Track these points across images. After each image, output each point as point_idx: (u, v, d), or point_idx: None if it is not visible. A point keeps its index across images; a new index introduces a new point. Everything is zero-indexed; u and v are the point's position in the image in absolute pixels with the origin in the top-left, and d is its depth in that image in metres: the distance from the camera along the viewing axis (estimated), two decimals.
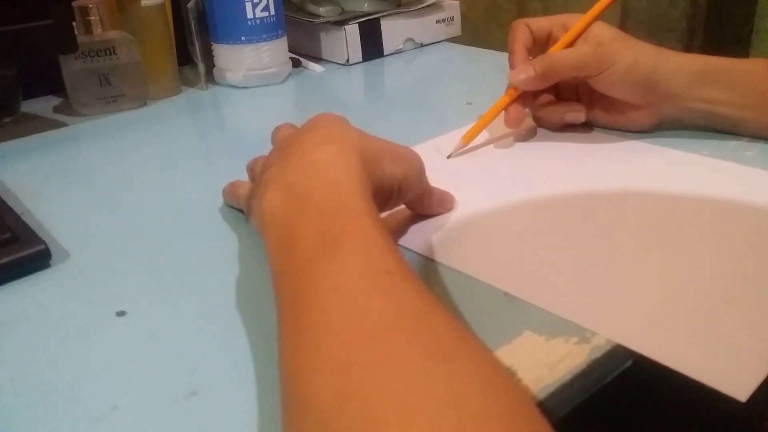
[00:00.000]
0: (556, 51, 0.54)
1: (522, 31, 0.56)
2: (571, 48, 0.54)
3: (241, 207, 0.45)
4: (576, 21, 0.55)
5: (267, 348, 0.33)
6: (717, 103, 0.51)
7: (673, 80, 0.51)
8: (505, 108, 0.55)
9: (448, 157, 0.54)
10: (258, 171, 0.41)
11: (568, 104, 0.56)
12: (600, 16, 0.55)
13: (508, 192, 0.47)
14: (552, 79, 0.54)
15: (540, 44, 0.57)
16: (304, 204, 0.32)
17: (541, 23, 0.56)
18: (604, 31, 0.53)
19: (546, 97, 0.57)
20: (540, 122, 0.58)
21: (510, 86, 0.55)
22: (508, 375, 0.24)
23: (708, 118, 0.53)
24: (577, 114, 0.55)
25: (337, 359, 0.24)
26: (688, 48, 1.35)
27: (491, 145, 0.56)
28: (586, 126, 0.57)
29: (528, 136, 0.57)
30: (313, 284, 0.28)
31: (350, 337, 0.25)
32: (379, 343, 0.24)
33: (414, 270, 0.31)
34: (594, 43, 0.53)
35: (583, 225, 0.43)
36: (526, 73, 0.53)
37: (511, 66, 0.55)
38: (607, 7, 0.55)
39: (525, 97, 0.56)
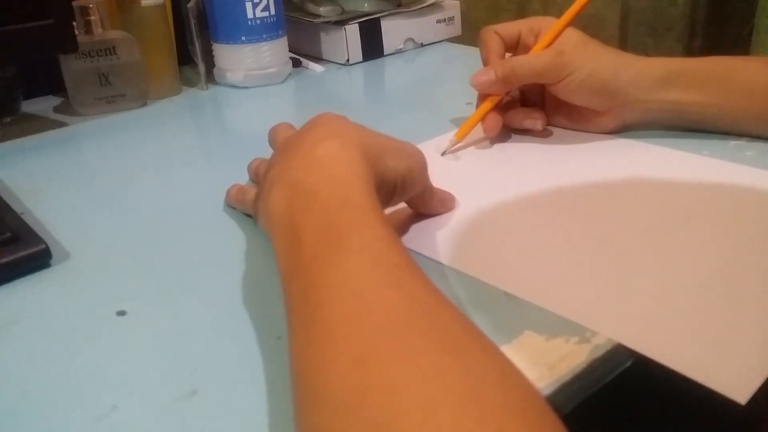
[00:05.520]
0: (518, 56, 0.54)
1: (492, 39, 0.56)
2: (533, 54, 0.54)
3: (249, 212, 0.45)
4: (544, 23, 0.55)
5: (267, 347, 0.33)
6: (679, 104, 0.52)
7: (633, 86, 0.52)
8: (490, 110, 0.55)
9: (443, 154, 0.54)
10: (261, 173, 0.41)
11: (527, 110, 0.57)
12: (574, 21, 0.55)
13: (509, 192, 0.47)
14: (512, 84, 0.55)
15: (510, 49, 0.57)
16: (309, 201, 0.32)
17: (509, 28, 0.56)
18: (567, 38, 0.54)
19: (510, 101, 0.58)
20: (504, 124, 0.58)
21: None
22: (520, 370, 0.24)
23: (672, 118, 0.54)
24: (534, 121, 0.56)
25: (353, 352, 0.24)
26: (688, 47, 1.35)
27: (491, 146, 0.56)
28: None
29: (529, 136, 0.57)
30: (322, 279, 0.28)
31: (364, 331, 0.25)
32: (394, 337, 0.25)
33: None
34: (556, 50, 0.53)
35: (583, 225, 0.43)
36: (487, 76, 0.54)
37: None
38: (581, 11, 0.55)
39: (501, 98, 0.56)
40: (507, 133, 0.58)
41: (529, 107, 0.58)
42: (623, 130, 0.56)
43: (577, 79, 0.52)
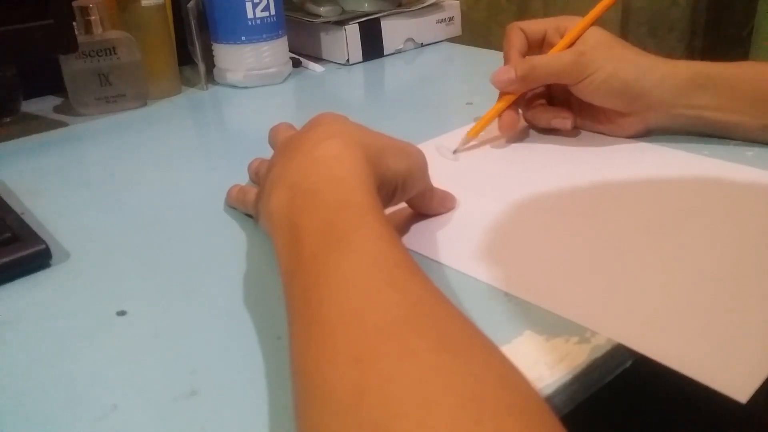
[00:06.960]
0: (538, 56, 0.54)
1: (516, 36, 0.56)
2: (553, 54, 0.53)
3: (250, 212, 0.45)
4: (570, 23, 0.54)
5: (267, 347, 0.33)
6: (706, 109, 0.51)
7: (660, 88, 0.51)
8: (506, 108, 0.55)
9: (454, 152, 0.54)
10: (262, 173, 0.41)
11: (556, 110, 0.56)
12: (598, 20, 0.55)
13: (509, 192, 0.47)
14: (531, 84, 0.55)
15: (535, 47, 0.56)
16: (310, 201, 0.33)
17: (535, 26, 0.56)
18: (591, 38, 0.53)
19: (537, 100, 0.57)
20: (529, 123, 0.58)
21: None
22: (519, 370, 0.24)
23: (698, 124, 0.53)
24: (563, 120, 0.56)
25: (352, 351, 0.24)
26: (689, 48, 1.35)
27: (491, 145, 0.56)
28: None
29: (528, 136, 0.57)
30: (323, 279, 0.28)
31: (364, 330, 0.25)
32: (393, 336, 0.25)
33: None
34: (577, 51, 0.52)
35: (583, 225, 0.43)
36: (507, 75, 0.53)
37: None
38: (605, 10, 0.55)
39: (518, 97, 0.56)
40: (510, 133, 0.58)
41: (556, 106, 0.57)
42: (649, 134, 0.54)
43: (597, 80, 0.51)
